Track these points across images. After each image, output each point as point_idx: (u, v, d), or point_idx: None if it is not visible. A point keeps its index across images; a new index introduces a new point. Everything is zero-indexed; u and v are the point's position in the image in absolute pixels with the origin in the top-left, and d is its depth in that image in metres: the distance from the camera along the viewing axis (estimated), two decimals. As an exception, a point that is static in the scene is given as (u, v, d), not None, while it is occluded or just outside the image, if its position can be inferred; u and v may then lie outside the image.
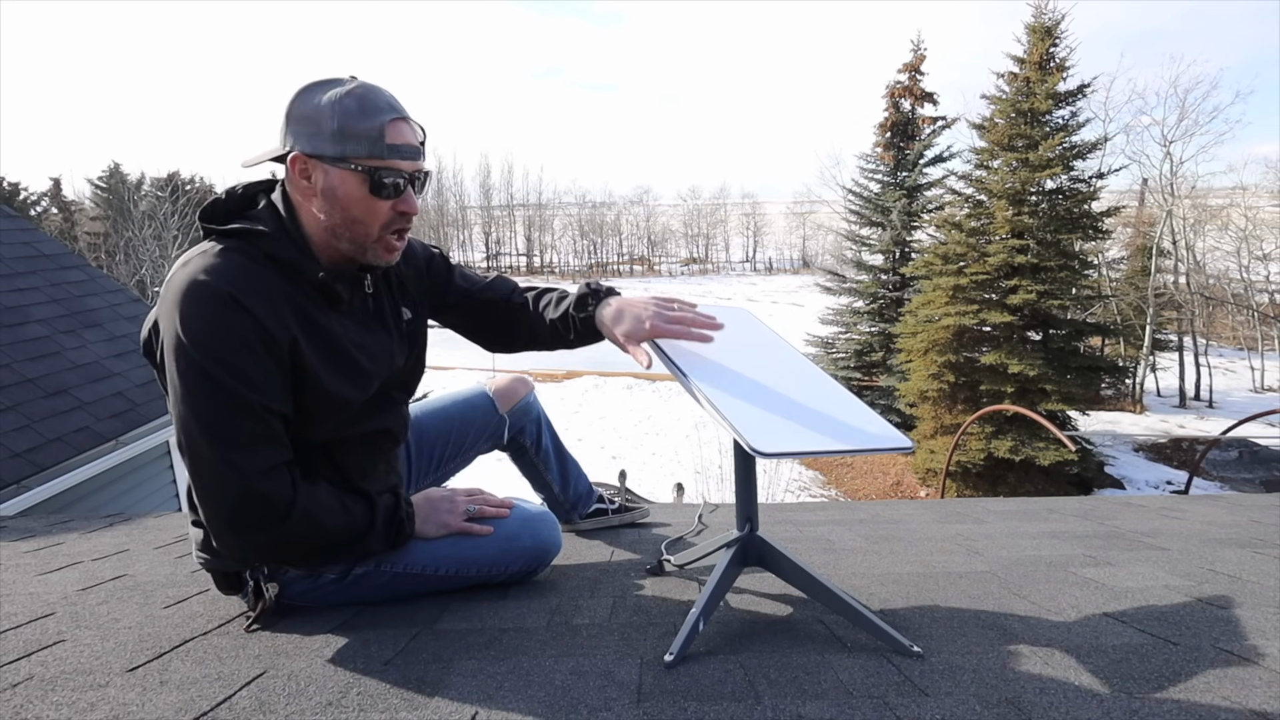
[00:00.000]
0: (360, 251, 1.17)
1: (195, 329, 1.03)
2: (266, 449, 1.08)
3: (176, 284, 1.05)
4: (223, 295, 1.04)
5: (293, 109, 1.10)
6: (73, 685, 1.01)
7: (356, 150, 1.09)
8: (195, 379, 1.04)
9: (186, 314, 1.03)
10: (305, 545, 1.13)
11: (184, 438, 1.06)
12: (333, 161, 1.09)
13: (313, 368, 1.12)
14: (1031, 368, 13.27)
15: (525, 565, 1.39)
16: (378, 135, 1.09)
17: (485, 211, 65.08)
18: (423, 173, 1.18)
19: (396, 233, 1.18)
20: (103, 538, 1.94)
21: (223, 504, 1.06)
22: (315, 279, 1.13)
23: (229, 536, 1.08)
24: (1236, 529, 1.91)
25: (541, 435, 1.74)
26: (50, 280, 5.17)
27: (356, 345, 1.20)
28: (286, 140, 1.11)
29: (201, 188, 31.53)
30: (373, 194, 1.11)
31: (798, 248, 66.74)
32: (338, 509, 1.15)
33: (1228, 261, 24.76)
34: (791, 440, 1.04)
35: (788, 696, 0.94)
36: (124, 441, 4.40)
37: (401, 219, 1.16)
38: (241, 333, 1.04)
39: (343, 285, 1.17)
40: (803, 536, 1.83)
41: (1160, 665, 1.03)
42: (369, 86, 1.11)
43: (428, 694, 0.96)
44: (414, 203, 1.16)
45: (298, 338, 1.10)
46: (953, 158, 19.91)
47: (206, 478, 1.06)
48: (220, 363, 1.03)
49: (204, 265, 1.06)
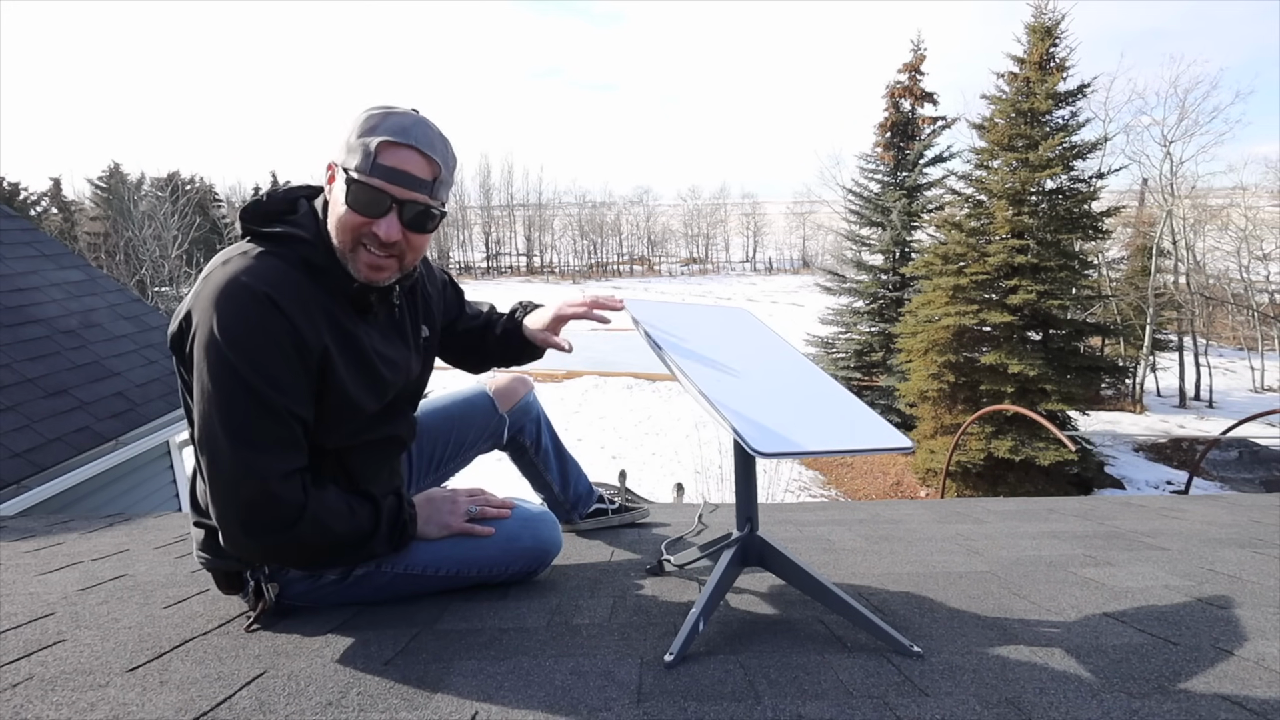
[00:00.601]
0: (341, 260, 1.15)
1: (231, 328, 1.04)
2: (286, 453, 1.08)
3: (215, 281, 1.06)
4: (261, 297, 1.05)
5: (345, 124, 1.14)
6: (73, 685, 1.01)
7: (352, 161, 1.10)
8: (225, 377, 1.04)
9: (224, 312, 1.04)
10: (314, 548, 1.14)
11: (205, 435, 1.06)
12: (340, 169, 1.12)
13: (339, 375, 1.13)
14: (1031, 368, 13.27)
15: (526, 566, 1.39)
16: (371, 151, 1.08)
17: (485, 211, 65.05)
18: (419, 206, 1.13)
19: (377, 252, 1.14)
20: (103, 538, 1.94)
21: (238, 505, 1.07)
22: (350, 289, 1.16)
23: (241, 537, 1.09)
24: (1236, 529, 1.91)
25: (541, 435, 1.74)
26: (50, 280, 5.17)
27: (380, 355, 1.22)
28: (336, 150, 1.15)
29: (201, 188, 31.53)
30: (348, 204, 1.10)
31: (798, 248, 66.73)
32: (345, 513, 1.15)
33: (1228, 261, 24.76)
34: (791, 440, 1.04)
35: (788, 696, 0.94)
36: (124, 441, 4.39)
37: (373, 240, 1.12)
38: (276, 335, 1.06)
39: (375, 295, 1.19)
40: (803, 536, 1.83)
41: (1160, 665, 1.03)
42: (404, 113, 1.11)
43: (428, 694, 0.96)
44: (391, 229, 1.12)
45: (329, 345, 1.12)
46: (953, 158, 19.91)
47: (224, 477, 1.06)
48: (252, 364, 1.04)
49: (244, 266, 1.07)
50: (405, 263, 1.20)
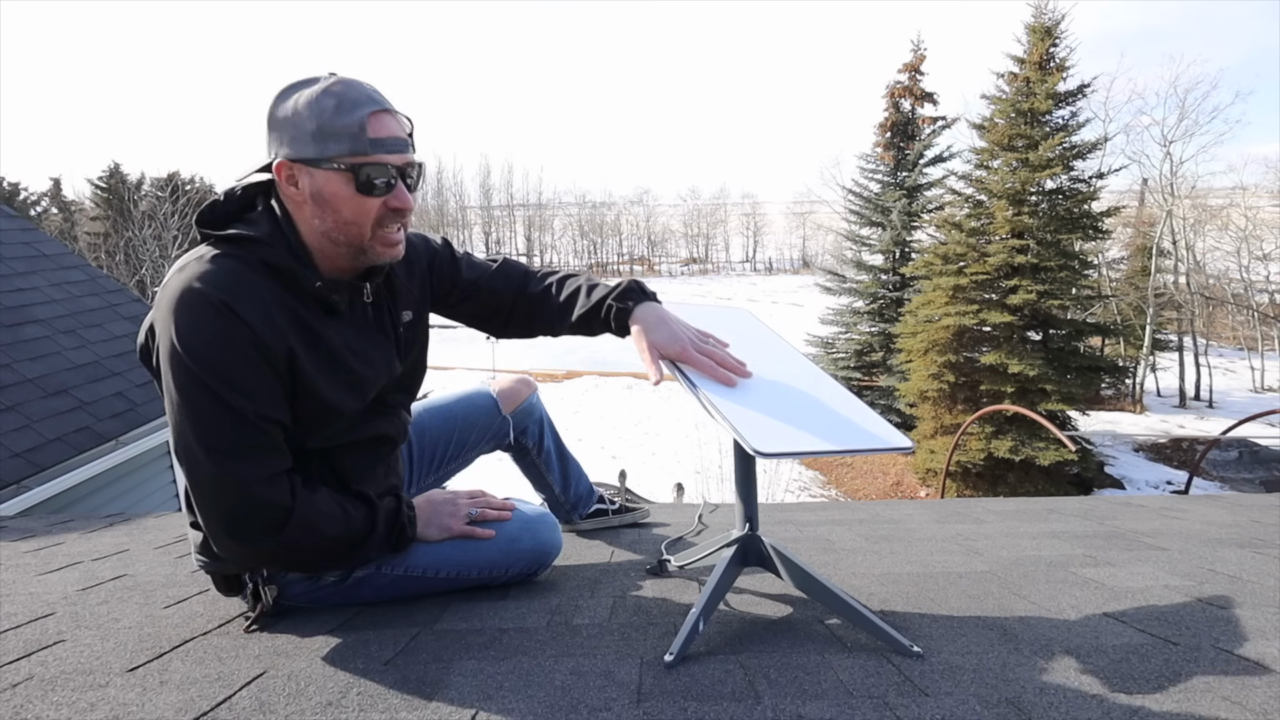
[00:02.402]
0: (359, 253, 1.13)
1: (190, 338, 1.00)
2: (265, 457, 1.06)
3: (171, 290, 1.03)
4: (217, 304, 1.01)
5: (273, 114, 1.07)
6: (73, 685, 1.00)
7: (338, 149, 1.04)
8: (191, 388, 1.02)
9: (181, 322, 1.01)
10: (306, 551, 1.12)
11: (180, 446, 1.05)
12: (316, 164, 1.05)
13: (310, 377, 1.10)
14: (1031, 368, 13.28)
15: (526, 567, 1.39)
16: (358, 130, 1.04)
17: (485, 211, 65.10)
18: (414, 165, 1.12)
19: (393, 228, 1.13)
20: (103, 538, 1.94)
21: (221, 512, 1.05)
22: (312, 288, 1.10)
23: (229, 543, 1.07)
24: (1236, 529, 1.91)
25: (544, 436, 1.74)
26: (50, 280, 5.17)
27: (354, 353, 1.17)
28: (271, 147, 1.08)
29: (201, 188, 31.47)
30: (360, 192, 1.07)
31: (798, 248, 66.77)
32: (338, 515, 1.13)
33: (1228, 261, 24.78)
34: (791, 440, 1.04)
35: (788, 696, 0.94)
36: (124, 441, 4.40)
37: (395, 215, 1.11)
38: (237, 342, 1.02)
39: (339, 294, 1.14)
40: (803, 536, 1.83)
41: (1160, 665, 1.03)
42: (347, 81, 1.07)
43: (428, 694, 0.96)
44: (407, 197, 1.11)
45: (294, 347, 1.07)
46: (953, 158, 19.93)
47: (204, 486, 1.04)
48: (216, 373, 1.01)
49: (199, 272, 1.03)
50: (407, 228, 1.20)
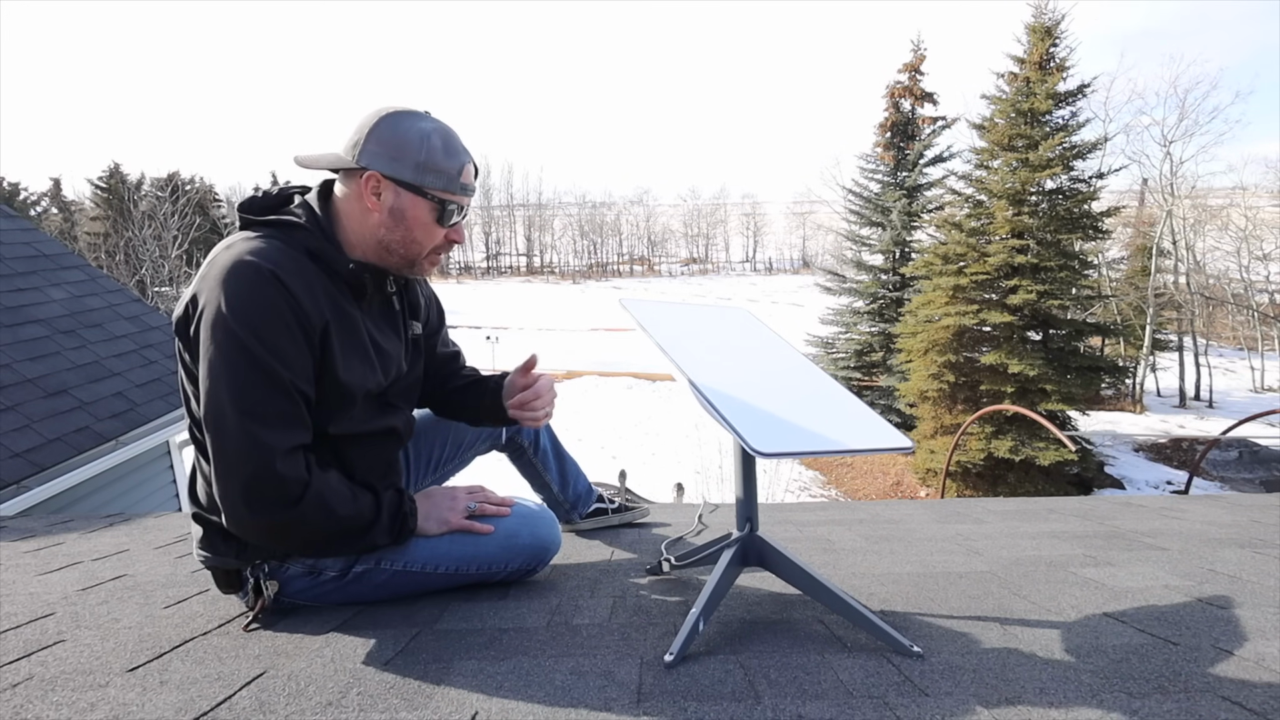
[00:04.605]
0: (408, 265, 1.27)
1: (239, 305, 1.07)
2: (290, 429, 1.11)
3: (221, 263, 1.11)
4: (267, 274, 1.09)
5: (378, 132, 1.17)
6: (73, 685, 1.01)
7: (435, 183, 1.20)
8: (232, 351, 1.07)
9: (231, 290, 1.08)
10: (314, 529, 1.15)
11: (211, 411, 1.08)
12: (408, 187, 1.19)
13: (335, 354, 1.17)
14: (1031, 368, 13.28)
15: (524, 563, 1.39)
16: (456, 174, 1.22)
17: (485, 211, 65.14)
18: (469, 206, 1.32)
19: (442, 253, 1.31)
20: (103, 538, 1.94)
21: (242, 479, 1.08)
22: (345, 270, 1.20)
23: (244, 513, 1.09)
24: (1236, 529, 1.91)
25: (540, 436, 1.74)
26: (50, 280, 5.16)
27: (374, 339, 1.27)
28: (359, 156, 1.18)
29: (201, 188, 31.52)
30: (438, 222, 1.24)
31: (798, 248, 66.80)
32: (348, 496, 1.17)
33: (1228, 261, 24.78)
34: (791, 440, 1.04)
35: (788, 696, 0.94)
36: (124, 441, 4.39)
37: (448, 245, 1.29)
38: (282, 311, 1.09)
39: (369, 277, 1.24)
40: (803, 536, 1.83)
41: (1160, 665, 1.03)
42: (451, 129, 1.24)
43: (428, 694, 0.96)
44: (463, 234, 1.31)
45: (329, 321, 1.16)
46: (953, 158, 19.94)
47: (229, 451, 1.08)
48: (259, 338, 1.07)
49: (250, 248, 1.12)
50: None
